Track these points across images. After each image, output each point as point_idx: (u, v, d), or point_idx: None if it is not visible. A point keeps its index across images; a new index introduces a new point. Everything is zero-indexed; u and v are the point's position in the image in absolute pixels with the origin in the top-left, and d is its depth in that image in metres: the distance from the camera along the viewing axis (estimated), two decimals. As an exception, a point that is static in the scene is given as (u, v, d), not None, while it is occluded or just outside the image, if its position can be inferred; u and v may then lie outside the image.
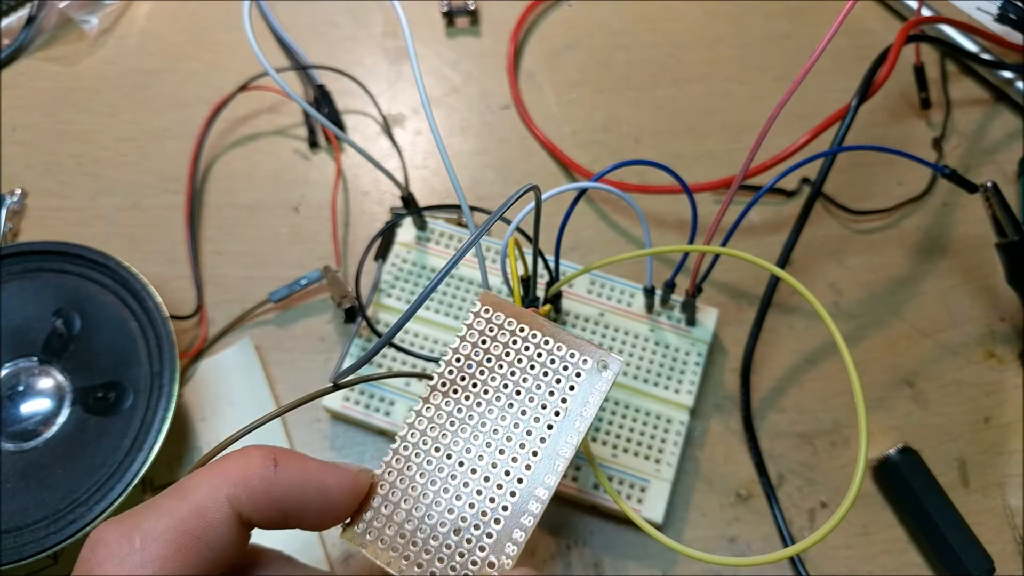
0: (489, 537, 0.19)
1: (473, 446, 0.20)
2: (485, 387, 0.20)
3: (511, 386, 0.20)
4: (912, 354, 0.32)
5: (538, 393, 0.20)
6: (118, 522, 0.18)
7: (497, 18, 0.40)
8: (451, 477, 0.19)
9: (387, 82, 0.39)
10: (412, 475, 0.20)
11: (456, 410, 0.20)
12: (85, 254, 0.31)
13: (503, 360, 0.20)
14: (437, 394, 0.20)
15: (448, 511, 0.19)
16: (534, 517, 0.19)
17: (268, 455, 0.19)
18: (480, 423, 0.20)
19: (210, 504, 0.18)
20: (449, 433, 0.20)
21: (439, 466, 0.20)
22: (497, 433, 0.20)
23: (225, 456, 0.20)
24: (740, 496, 0.30)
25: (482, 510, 0.19)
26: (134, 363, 0.29)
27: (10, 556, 0.26)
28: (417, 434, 0.20)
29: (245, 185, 0.36)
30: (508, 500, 0.19)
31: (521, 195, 0.21)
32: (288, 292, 0.33)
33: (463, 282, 0.32)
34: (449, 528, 0.19)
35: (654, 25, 0.40)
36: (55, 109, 0.38)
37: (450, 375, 0.20)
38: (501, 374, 0.20)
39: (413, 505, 0.19)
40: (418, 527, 0.19)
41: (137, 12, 0.40)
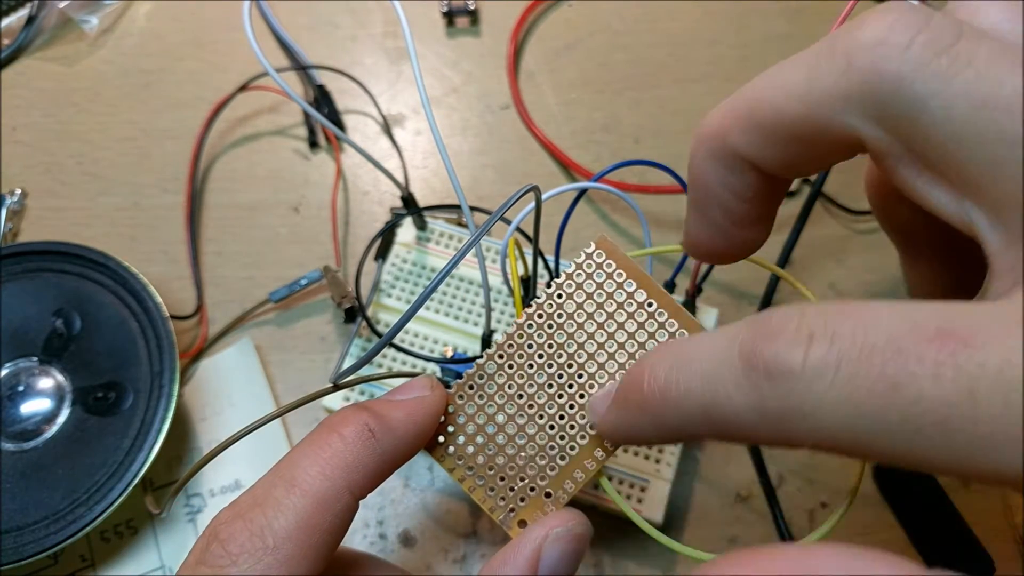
0: (552, 470, 0.19)
1: (555, 383, 0.20)
2: (579, 329, 0.20)
3: (604, 336, 0.20)
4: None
5: (628, 350, 0.20)
6: (244, 519, 0.17)
7: (497, 18, 0.40)
8: (528, 407, 0.20)
9: (387, 82, 0.39)
10: (490, 399, 0.20)
11: (547, 344, 0.20)
12: (85, 254, 0.31)
13: (603, 308, 0.20)
14: (532, 323, 0.20)
15: (522, 441, 0.20)
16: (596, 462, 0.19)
17: (362, 428, 0.19)
18: (567, 363, 0.20)
19: (331, 496, 0.18)
20: (535, 365, 0.20)
21: (519, 393, 0.20)
22: (581, 377, 0.20)
23: (321, 438, 0.19)
24: (740, 496, 0.30)
25: (550, 446, 0.19)
26: (134, 363, 0.29)
27: (10, 556, 0.26)
28: (505, 357, 0.20)
29: (245, 185, 0.36)
30: (577, 443, 0.19)
31: (521, 196, 0.21)
32: (288, 292, 0.33)
33: (463, 282, 0.32)
34: (524, 459, 0.20)
35: (654, 25, 0.40)
36: (55, 109, 0.38)
37: (548, 309, 0.20)
38: (599, 322, 0.20)
39: (495, 432, 0.20)
40: (496, 454, 0.20)
41: (137, 12, 0.40)
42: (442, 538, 0.30)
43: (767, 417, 0.13)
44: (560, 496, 0.20)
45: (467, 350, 0.31)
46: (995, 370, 0.11)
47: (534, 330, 0.20)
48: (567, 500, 0.20)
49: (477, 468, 0.20)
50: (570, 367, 0.20)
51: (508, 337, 0.20)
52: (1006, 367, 0.11)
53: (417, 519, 0.30)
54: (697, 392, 0.15)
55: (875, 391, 0.12)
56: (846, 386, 0.12)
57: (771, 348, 0.13)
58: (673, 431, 0.16)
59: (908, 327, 0.12)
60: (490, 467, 0.20)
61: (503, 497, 0.20)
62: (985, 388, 0.11)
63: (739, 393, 0.14)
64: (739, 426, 0.14)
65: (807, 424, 0.13)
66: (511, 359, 0.20)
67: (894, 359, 0.12)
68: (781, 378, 0.13)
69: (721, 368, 0.14)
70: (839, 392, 0.12)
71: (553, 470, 0.20)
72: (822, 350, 0.13)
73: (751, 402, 0.14)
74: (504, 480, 0.20)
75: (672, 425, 0.16)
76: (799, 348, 0.13)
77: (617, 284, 0.20)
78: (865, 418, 0.12)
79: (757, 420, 0.14)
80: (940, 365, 0.12)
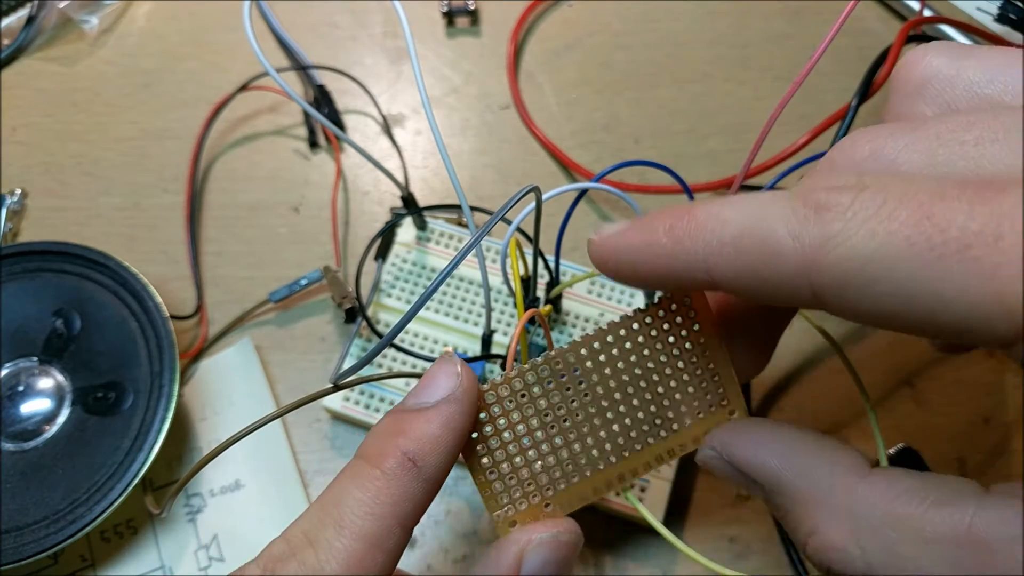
0: (562, 484, 0.20)
1: (598, 407, 0.20)
2: (639, 365, 0.20)
3: (658, 379, 0.20)
4: (912, 355, 0.32)
5: (671, 402, 0.20)
6: (298, 559, 0.17)
7: (497, 18, 0.40)
8: (565, 422, 0.19)
9: (387, 82, 0.39)
10: (533, 403, 0.19)
11: (610, 366, 0.19)
12: (85, 254, 0.31)
13: (668, 353, 0.20)
14: (606, 340, 0.19)
15: (546, 451, 0.20)
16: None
17: (402, 459, 0.18)
18: (617, 391, 0.20)
19: (383, 534, 0.18)
20: (587, 383, 0.19)
21: (561, 406, 0.19)
22: (623, 411, 0.20)
23: (363, 472, 0.18)
24: (740, 496, 0.30)
25: (570, 463, 0.20)
26: (134, 363, 0.29)
27: (10, 556, 0.26)
28: (562, 364, 0.19)
29: (245, 185, 0.36)
30: (599, 466, 0.20)
31: (521, 196, 0.21)
32: (288, 292, 0.33)
33: (463, 282, 0.32)
34: (540, 468, 0.20)
35: (654, 25, 0.40)
36: (55, 109, 0.38)
37: (621, 332, 0.19)
38: (661, 361, 0.20)
39: (524, 436, 0.19)
40: (516, 455, 0.19)
41: (137, 12, 0.40)
42: (442, 538, 0.30)
43: (803, 242, 0.14)
44: (557, 510, 0.20)
45: (467, 350, 0.31)
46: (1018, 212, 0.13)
47: (601, 347, 0.19)
48: (565, 514, 0.20)
49: (495, 466, 0.20)
50: (616, 396, 0.20)
51: (575, 346, 0.19)
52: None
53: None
54: (734, 221, 0.16)
55: (909, 221, 0.13)
56: (884, 218, 0.13)
57: (825, 188, 0.14)
58: (688, 260, 0.16)
59: (949, 181, 0.14)
60: (507, 468, 0.20)
61: (507, 497, 0.20)
62: (1008, 227, 0.12)
63: (781, 222, 0.15)
64: (770, 252, 0.15)
65: (839, 252, 0.14)
66: (565, 367, 0.19)
67: (932, 199, 0.13)
68: (827, 211, 0.14)
69: (766, 205, 0.15)
70: (877, 224, 0.14)
71: (563, 485, 0.20)
72: (871, 193, 0.14)
73: (792, 229, 0.14)
74: (514, 482, 0.20)
75: (691, 251, 0.16)
76: (850, 192, 0.14)
77: (693, 340, 0.20)
78: (895, 245, 0.13)
79: (792, 245, 0.14)
80: (973, 204, 0.13)
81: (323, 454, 0.31)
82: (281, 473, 0.30)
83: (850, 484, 0.16)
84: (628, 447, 0.20)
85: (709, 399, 0.20)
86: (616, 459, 0.20)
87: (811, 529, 0.17)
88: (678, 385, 0.20)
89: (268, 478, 0.30)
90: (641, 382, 0.20)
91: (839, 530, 0.16)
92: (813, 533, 0.17)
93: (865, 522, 0.16)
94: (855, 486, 0.16)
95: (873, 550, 0.15)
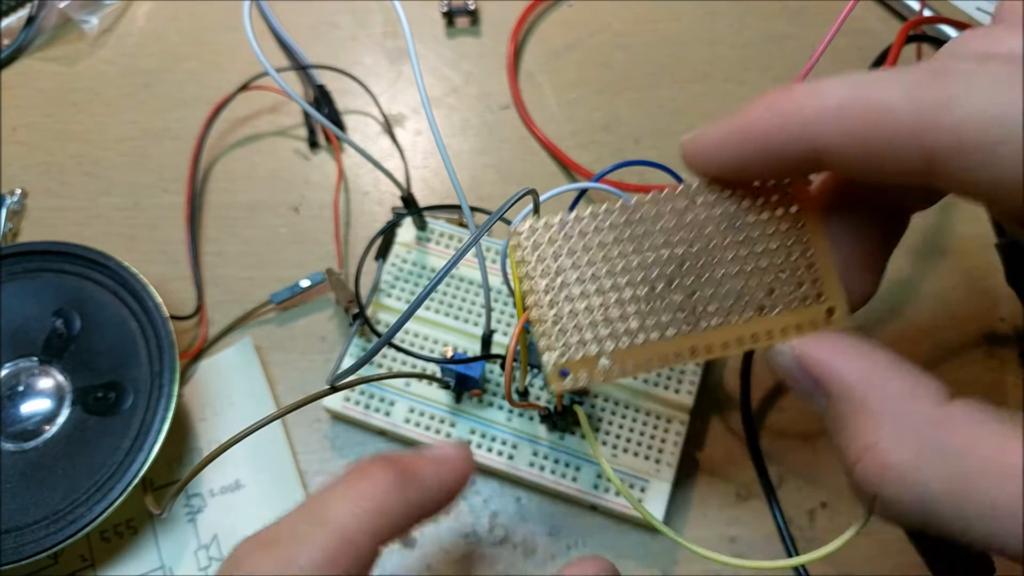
0: (624, 341, 0.18)
1: (676, 262, 0.18)
2: (728, 229, 0.18)
3: (746, 253, 0.18)
4: (912, 354, 0.32)
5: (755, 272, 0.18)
6: (269, 551, 0.18)
7: (497, 18, 0.40)
8: (638, 268, 0.18)
9: (387, 82, 0.39)
10: (616, 238, 0.18)
11: (696, 219, 0.18)
12: (85, 254, 0.31)
13: (763, 231, 0.18)
14: (676, 197, 0.18)
15: (613, 299, 0.18)
16: None
17: (390, 475, 0.19)
18: (704, 249, 0.18)
19: (357, 535, 0.18)
20: (669, 230, 0.18)
21: (639, 248, 0.18)
22: (705, 275, 0.18)
23: (353, 479, 0.19)
24: (740, 496, 0.30)
25: (643, 319, 0.18)
26: (134, 363, 0.29)
27: (10, 556, 0.26)
28: (656, 203, 0.18)
29: (245, 185, 0.36)
30: (675, 325, 0.18)
31: (518, 199, 0.21)
32: (290, 294, 0.33)
33: (463, 282, 0.32)
34: (603, 319, 0.18)
35: (654, 25, 0.40)
36: (55, 109, 0.38)
37: (711, 194, 0.18)
38: (751, 236, 0.18)
39: (593, 277, 0.18)
40: (582, 298, 0.18)
41: (137, 12, 0.40)
42: (442, 539, 0.30)
43: (920, 103, 0.14)
44: (614, 368, 0.18)
45: (467, 350, 0.31)
46: None
47: (687, 207, 0.18)
48: (621, 377, 0.18)
49: (555, 303, 0.18)
50: (700, 260, 0.18)
51: (655, 199, 0.18)
52: None
53: (417, 519, 0.30)
54: (839, 89, 0.15)
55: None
56: (1012, 84, 0.13)
57: (944, 58, 0.15)
58: (792, 132, 0.16)
59: None
60: (567, 309, 0.18)
61: (561, 340, 0.18)
62: None
63: (895, 85, 0.14)
64: (880, 113, 0.15)
65: (961, 112, 0.14)
66: (658, 205, 0.18)
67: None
68: (948, 75, 0.14)
69: (876, 74, 0.15)
70: (1004, 88, 0.13)
71: (627, 342, 0.18)
72: (996, 63, 0.14)
73: (907, 91, 0.14)
74: (573, 325, 0.18)
75: (794, 123, 0.16)
76: (973, 61, 0.14)
77: (793, 224, 0.18)
78: (1006, 104, 0.13)
79: (906, 106, 0.14)
80: None
81: (323, 454, 0.31)
82: (281, 473, 0.30)
83: (927, 407, 0.16)
84: (706, 319, 0.18)
85: (804, 291, 0.18)
86: (690, 329, 0.18)
87: (870, 444, 0.16)
88: (770, 267, 0.18)
89: (268, 478, 0.30)
90: (730, 253, 0.18)
91: (902, 450, 0.15)
92: (872, 448, 0.16)
93: (934, 447, 0.15)
94: (932, 410, 0.16)
95: (936, 477, 0.15)
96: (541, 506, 0.30)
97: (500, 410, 0.30)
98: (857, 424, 0.16)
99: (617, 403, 0.30)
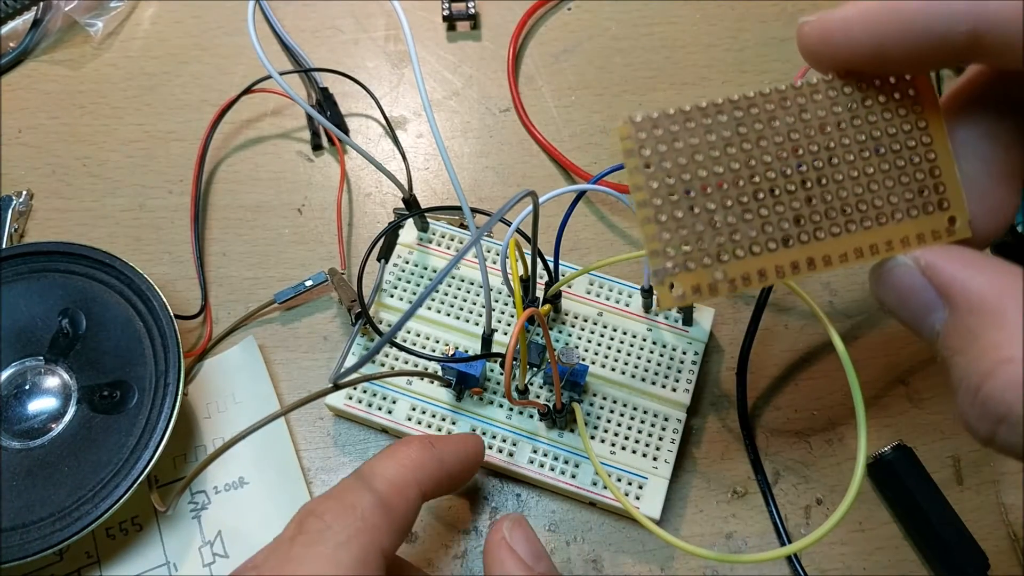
0: (740, 253, 0.17)
1: (801, 166, 0.17)
2: (852, 130, 0.17)
3: (868, 155, 0.17)
4: (907, 353, 0.33)
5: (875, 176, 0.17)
6: (335, 498, 0.21)
7: (497, 22, 0.40)
8: (764, 170, 0.17)
9: (389, 85, 0.39)
10: (733, 135, 0.17)
11: (823, 120, 0.17)
12: (91, 255, 0.31)
13: (885, 131, 0.17)
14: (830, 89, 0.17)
15: (729, 203, 0.17)
16: None
17: (423, 441, 0.24)
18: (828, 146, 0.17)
19: (404, 484, 0.22)
20: (800, 133, 0.17)
21: (760, 148, 0.17)
22: (827, 177, 0.17)
23: (394, 448, 0.24)
24: (736, 493, 0.30)
25: (760, 225, 0.17)
26: (139, 362, 0.30)
27: (16, 553, 0.27)
28: (778, 97, 0.17)
29: (249, 187, 0.37)
30: (790, 236, 0.17)
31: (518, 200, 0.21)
32: (293, 294, 0.33)
33: (464, 282, 0.32)
34: (722, 224, 0.17)
35: (652, 29, 0.40)
36: (60, 111, 0.38)
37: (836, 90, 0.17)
38: (872, 137, 0.17)
39: (708, 178, 0.17)
40: (696, 201, 0.17)
41: (142, 16, 0.41)
42: (444, 534, 0.30)
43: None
44: (729, 284, 0.17)
45: (468, 349, 0.31)
46: None
47: (805, 104, 0.17)
48: (732, 293, 0.18)
49: (666, 208, 0.17)
50: (828, 158, 0.17)
51: (773, 95, 0.17)
52: None
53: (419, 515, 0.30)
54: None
55: None
56: None
57: None
58: (951, 9, 0.15)
59: None
60: (680, 216, 0.17)
61: (673, 250, 0.17)
62: None
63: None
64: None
65: None
66: (776, 102, 0.17)
67: None
68: None
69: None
70: None
71: (742, 253, 0.17)
72: None
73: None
74: (685, 233, 0.17)
75: (927, 16, 0.15)
76: None
77: (915, 125, 0.17)
78: None
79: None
80: None
81: (326, 451, 0.31)
82: (285, 470, 0.31)
83: None
84: (824, 228, 0.17)
85: (926, 197, 0.17)
86: (809, 238, 0.17)
87: (1006, 357, 0.14)
88: (890, 171, 0.17)
89: (272, 475, 0.30)
90: (848, 155, 0.17)
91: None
92: (1008, 362, 0.14)
93: None
94: None
95: None
96: (540, 502, 0.30)
97: (500, 408, 0.30)
98: (992, 337, 0.15)
99: (615, 401, 0.30)
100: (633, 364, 0.31)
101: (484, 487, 0.31)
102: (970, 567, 0.28)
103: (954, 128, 0.18)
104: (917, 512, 0.29)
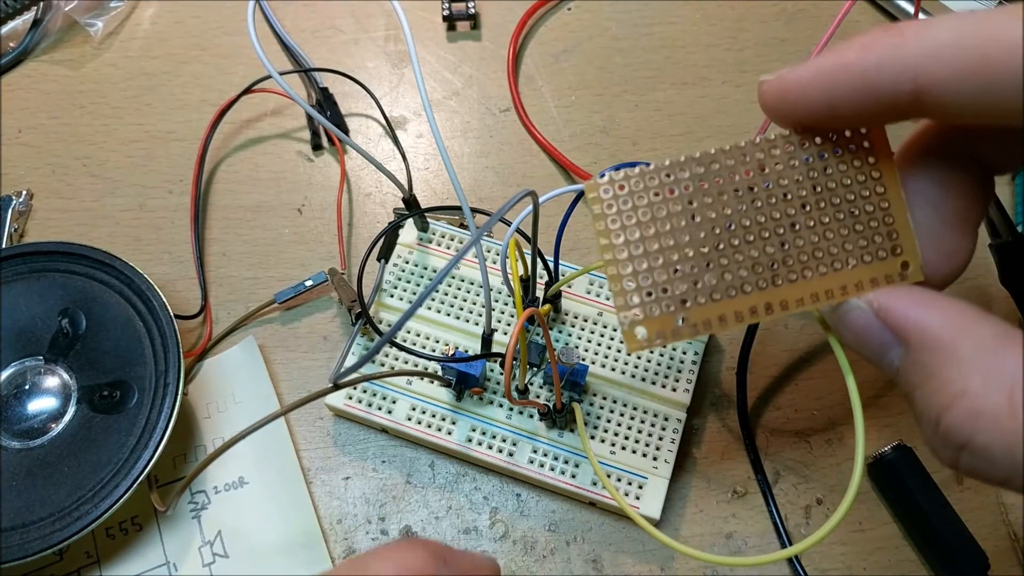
0: (702, 300, 0.18)
1: (759, 218, 0.18)
2: (808, 186, 0.18)
3: (825, 207, 0.18)
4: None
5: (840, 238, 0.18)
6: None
7: (497, 22, 0.40)
8: (722, 223, 0.18)
9: (389, 85, 0.39)
10: (697, 191, 0.18)
11: (782, 176, 0.18)
12: (91, 254, 0.31)
13: (840, 183, 0.18)
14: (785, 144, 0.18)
15: (691, 253, 0.18)
16: None
17: (430, 553, 0.20)
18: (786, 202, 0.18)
19: None
20: (758, 189, 0.18)
21: (720, 205, 0.18)
22: (793, 229, 0.18)
23: (398, 548, 0.20)
24: (736, 493, 0.30)
25: (722, 273, 0.18)
26: (139, 362, 0.30)
27: (16, 553, 0.27)
28: (742, 159, 0.18)
29: (249, 187, 0.37)
30: (757, 281, 0.18)
31: (517, 200, 0.21)
32: (293, 294, 0.33)
33: (464, 282, 0.32)
34: (684, 274, 0.18)
35: (652, 29, 0.40)
36: (61, 111, 0.38)
37: (790, 143, 0.18)
38: (829, 188, 0.18)
39: (672, 231, 0.18)
40: (660, 254, 0.18)
41: (142, 16, 0.41)
42: (443, 535, 0.30)
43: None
44: (690, 328, 0.18)
45: (468, 349, 0.31)
46: None
47: (763, 158, 0.18)
48: (694, 336, 0.18)
49: (631, 259, 0.18)
50: (777, 215, 0.18)
51: (733, 150, 0.18)
52: None
53: (418, 515, 0.30)
54: (950, 26, 0.15)
55: None
56: None
57: None
58: (894, 70, 0.15)
59: None
60: (643, 266, 0.18)
61: (638, 297, 0.18)
62: None
63: (1016, 22, 0.14)
64: (999, 48, 0.14)
65: None
66: (735, 157, 0.18)
67: None
68: None
69: (996, 11, 0.14)
70: None
71: (703, 300, 0.18)
72: None
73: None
74: (649, 283, 0.18)
75: (897, 60, 0.15)
76: None
77: (869, 176, 0.18)
78: None
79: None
80: None
81: (326, 451, 0.31)
82: (284, 470, 0.31)
83: (1018, 351, 0.15)
84: (783, 275, 0.18)
85: (879, 244, 0.18)
86: (767, 285, 0.18)
87: (960, 391, 0.15)
88: (845, 219, 0.18)
89: (272, 475, 0.30)
90: (804, 206, 0.18)
91: (995, 395, 0.15)
92: (963, 396, 0.15)
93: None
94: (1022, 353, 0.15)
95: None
96: (541, 502, 0.30)
97: (500, 408, 0.30)
98: (946, 372, 0.16)
99: (615, 401, 0.30)
100: (633, 364, 0.31)
101: (484, 487, 0.31)
102: (970, 567, 0.28)
103: (908, 178, 0.19)
104: (917, 512, 0.29)
